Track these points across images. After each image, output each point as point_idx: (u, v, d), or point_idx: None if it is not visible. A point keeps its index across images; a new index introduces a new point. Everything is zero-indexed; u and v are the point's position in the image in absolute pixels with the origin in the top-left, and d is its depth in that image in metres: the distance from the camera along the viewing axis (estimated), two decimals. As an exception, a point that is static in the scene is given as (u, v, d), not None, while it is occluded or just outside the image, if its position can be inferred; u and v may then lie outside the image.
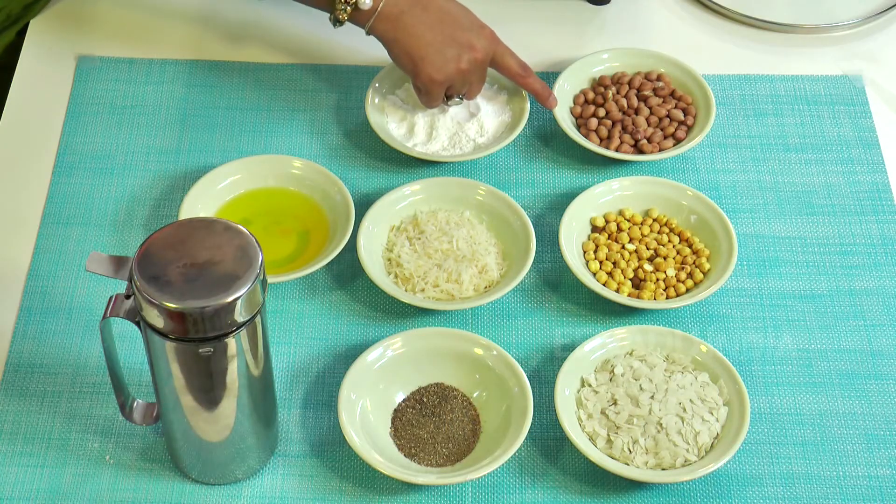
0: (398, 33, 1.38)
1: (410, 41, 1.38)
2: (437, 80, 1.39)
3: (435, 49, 1.38)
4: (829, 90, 1.53)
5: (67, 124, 1.47)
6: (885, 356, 1.31)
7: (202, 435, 1.16)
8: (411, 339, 1.27)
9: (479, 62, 1.40)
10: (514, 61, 1.43)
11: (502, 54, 1.43)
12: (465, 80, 1.41)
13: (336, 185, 1.38)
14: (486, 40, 1.40)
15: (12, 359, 1.28)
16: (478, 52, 1.39)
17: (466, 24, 1.40)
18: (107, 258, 1.11)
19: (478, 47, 1.39)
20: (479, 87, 1.44)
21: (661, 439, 1.20)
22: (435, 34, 1.38)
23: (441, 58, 1.38)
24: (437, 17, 1.38)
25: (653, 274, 1.34)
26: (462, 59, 1.39)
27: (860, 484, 1.22)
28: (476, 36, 1.40)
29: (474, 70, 1.41)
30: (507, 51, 1.43)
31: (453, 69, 1.39)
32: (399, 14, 1.37)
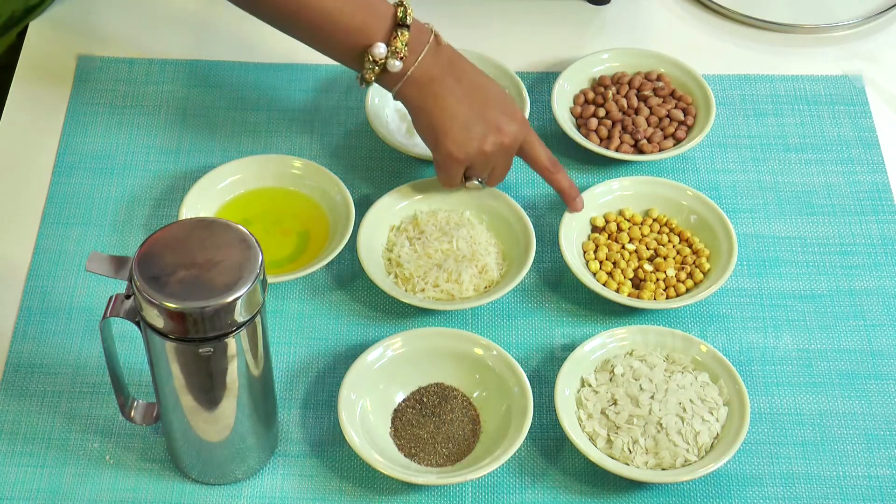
0: (425, 101, 1.28)
1: (436, 111, 1.29)
2: (457, 157, 1.30)
3: (460, 124, 1.29)
4: (829, 90, 1.53)
5: (67, 124, 1.47)
6: (885, 356, 1.31)
7: (202, 435, 1.16)
8: (411, 339, 1.27)
9: (504, 147, 1.30)
10: (543, 153, 1.33)
11: (532, 144, 1.33)
12: (487, 162, 1.31)
13: (336, 185, 1.38)
14: (517, 125, 1.31)
15: (12, 359, 1.28)
16: (505, 136, 1.30)
17: (499, 104, 1.31)
18: (107, 258, 1.11)
19: (506, 131, 1.30)
20: (502, 174, 1.34)
21: (661, 439, 1.21)
22: (463, 108, 1.29)
23: (465, 135, 1.29)
24: (469, 90, 1.29)
25: (653, 274, 1.34)
26: (487, 140, 1.29)
27: (860, 484, 1.22)
28: (507, 119, 1.30)
29: (499, 154, 1.31)
30: (537, 141, 1.33)
31: (476, 149, 1.29)
32: (429, 81, 1.28)
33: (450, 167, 1.31)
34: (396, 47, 1.25)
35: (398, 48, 1.25)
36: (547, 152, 1.34)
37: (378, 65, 1.26)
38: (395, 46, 1.25)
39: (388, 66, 1.26)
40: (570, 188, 1.35)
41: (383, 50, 1.25)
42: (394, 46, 1.25)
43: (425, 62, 1.27)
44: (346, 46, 1.26)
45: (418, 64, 1.27)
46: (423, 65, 1.27)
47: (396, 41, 1.25)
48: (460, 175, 1.33)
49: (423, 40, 1.27)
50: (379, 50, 1.25)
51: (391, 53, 1.25)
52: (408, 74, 1.27)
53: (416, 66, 1.27)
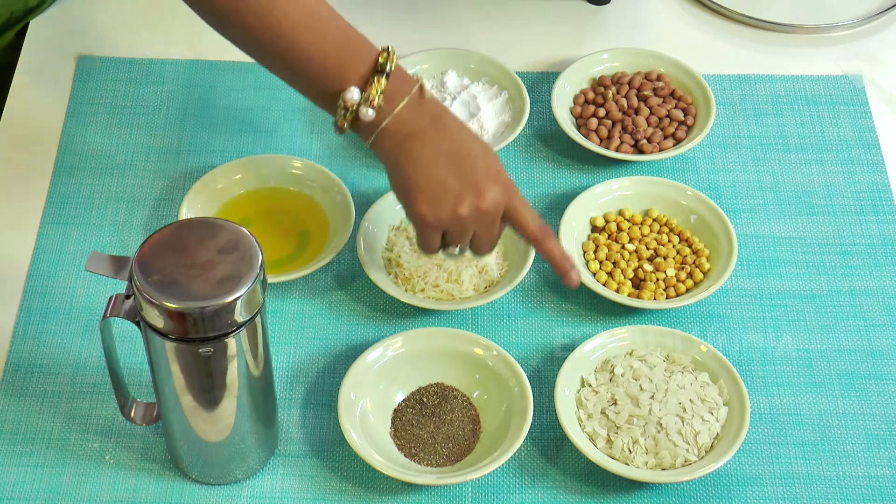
0: (400, 157, 1.17)
1: (410, 169, 1.17)
2: (429, 220, 1.18)
3: (434, 183, 1.17)
4: (829, 90, 1.53)
5: (67, 124, 1.47)
6: (885, 356, 1.31)
7: (202, 435, 1.16)
8: (411, 339, 1.27)
9: (483, 211, 1.18)
10: (531, 220, 1.21)
11: (517, 209, 1.20)
12: (464, 227, 1.19)
13: (336, 185, 1.38)
14: (500, 189, 1.19)
15: (12, 359, 1.28)
16: (484, 201, 1.17)
17: (482, 164, 1.18)
18: (107, 258, 1.11)
19: (486, 195, 1.17)
20: (487, 244, 1.22)
21: (661, 439, 1.21)
22: (440, 167, 1.17)
23: (439, 196, 1.17)
24: (451, 149, 1.18)
25: (653, 274, 1.34)
26: (463, 203, 1.17)
27: (860, 484, 1.22)
28: (489, 182, 1.18)
29: (476, 220, 1.19)
30: (524, 205, 1.21)
31: (449, 212, 1.17)
32: (406, 135, 1.17)
33: (423, 231, 1.20)
34: (371, 94, 1.15)
35: (372, 95, 1.15)
36: (536, 219, 1.21)
37: (349, 111, 1.16)
38: (369, 93, 1.15)
39: (361, 113, 1.15)
40: (563, 259, 1.22)
41: (356, 96, 1.15)
42: (368, 93, 1.15)
43: (403, 114, 1.17)
44: (320, 87, 1.17)
45: (395, 115, 1.16)
46: (401, 116, 1.17)
47: (372, 88, 1.15)
48: (437, 240, 1.21)
49: (405, 90, 1.17)
50: (352, 95, 1.15)
51: (364, 100, 1.15)
52: (382, 125, 1.17)
53: (393, 118, 1.16)
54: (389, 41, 1.55)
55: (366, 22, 1.58)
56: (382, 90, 1.16)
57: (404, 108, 1.17)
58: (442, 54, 1.51)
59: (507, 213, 1.21)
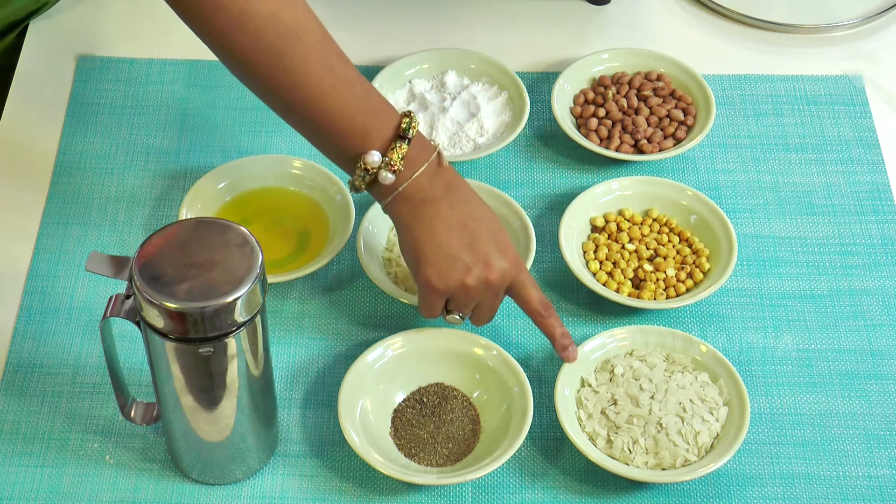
0: (413, 222, 1.20)
1: (423, 235, 1.20)
2: (437, 286, 1.20)
3: (445, 252, 1.20)
4: (829, 90, 1.53)
5: (67, 124, 1.47)
6: (885, 356, 1.31)
7: (202, 435, 1.16)
8: (411, 339, 1.27)
9: (490, 283, 1.21)
10: (535, 295, 1.23)
11: (523, 284, 1.23)
12: (469, 297, 1.22)
13: (336, 185, 1.38)
14: (508, 263, 1.21)
15: (12, 359, 1.28)
16: (492, 273, 1.20)
17: (493, 238, 1.21)
18: (107, 258, 1.11)
19: (494, 267, 1.20)
20: (488, 314, 1.24)
21: (661, 439, 1.20)
22: (451, 236, 1.20)
23: (448, 265, 1.20)
24: (463, 219, 1.20)
25: (653, 274, 1.34)
26: (471, 274, 1.20)
27: (860, 484, 1.22)
28: (498, 255, 1.21)
29: (483, 291, 1.21)
30: (529, 281, 1.23)
31: (458, 281, 1.20)
32: (421, 201, 1.19)
33: (428, 296, 1.22)
34: (392, 159, 1.17)
35: (393, 160, 1.17)
36: (540, 295, 1.24)
37: (370, 174, 1.18)
38: (390, 158, 1.17)
39: (380, 177, 1.17)
40: (563, 336, 1.24)
41: (377, 159, 1.17)
42: (389, 158, 1.17)
43: (420, 180, 1.19)
44: (341, 148, 1.19)
45: (413, 180, 1.18)
46: (418, 182, 1.19)
47: (393, 153, 1.17)
48: (440, 306, 1.23)
49: (424, 158, 1.19)
50: (373, 158, 1.17)
51: (385, 165, 1.17)
52: (399, 190, 1.19)
53: (410, 183, 1.18)
54: (390, 41, 1.56)
55: (366, 22, 1.59)
56: (403, 155, 1.17)
57: (422, 174, 1.19)
58: (442, 54, 1.51)
59: (512, 287, 1.23)
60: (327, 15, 1.53)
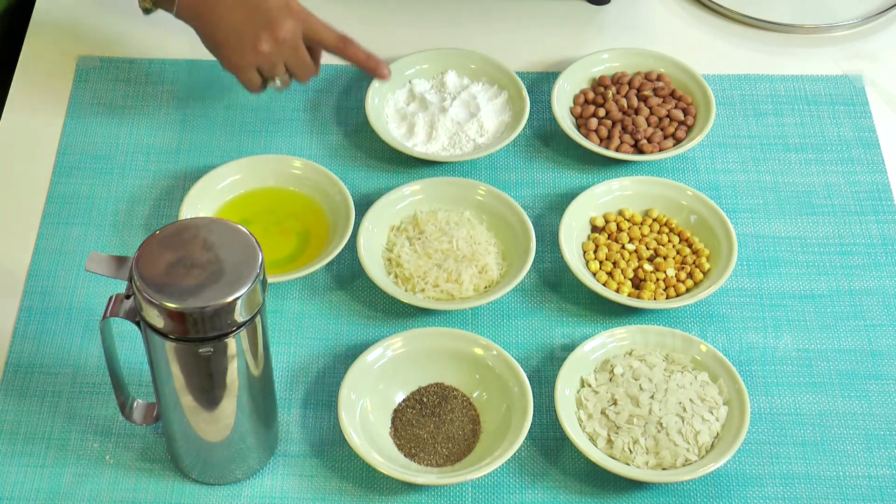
0: (200, 19, 1.31)
1: (210, 26, 1.31)
2: (239, 65, 1.32)
3: (232, 31, 1.31)
4: (829, 90, 1.53)
5: (67, 124, 1.47)
6: (885, 356, 1.31)
7: (202, 435, 1.16)
8: (411, 339, 1.27)
9: (282, 40, 1.31)
10: (330, 34, 1.34)
11: (315, 30, 1.33)
12: (270, 61, 1.32)
13: (336, 185, 1.38)
14: (292, 17, 1.31)
15: (12, 359, 1.28)
16: (280, 30, 1.30)
17: (272, 2, 1.31)
18: (107, 258, 1.11)
19: (280, 25, 1.30)
20: (302, 69, 1.35)
21: (661, 439, 1.21)
22: (234, 16, 1.30)
23: (238, 41, 1.31)
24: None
25: (653, 274, 1.34)
26: (261, 40, 1.31)
27: (860, 484, 1.22)
28: (280, 14, 1.31)
29: (279, 50, 1.32)
30: (319, 24, 1.33)
31: (252, 52, 1.31)
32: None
33: (238, 74, 1.33)
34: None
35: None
36: (333, 32, 1.34)
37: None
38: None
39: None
40: (368, 59, 1.36)
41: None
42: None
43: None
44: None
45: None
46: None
47: None
48: (256, 79, 1.34)
49: None
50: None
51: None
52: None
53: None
54: (390, 41, 1.56)
55: (366, 22, 1.59)
56: None
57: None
58: (442, 54, 1.51)
59: (306, 36, 1.33)
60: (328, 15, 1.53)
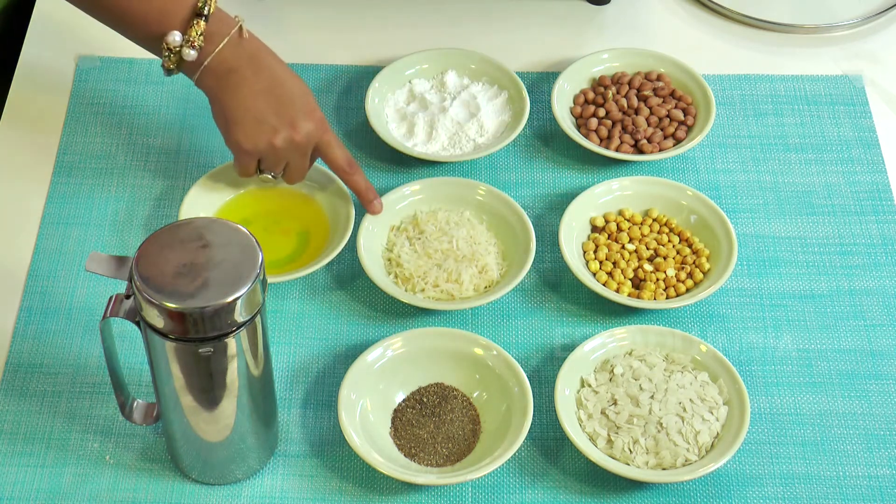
0: (221, 92, 1.28)
1: (231, 102, 1.28)
2: (245, 148, 1.29)
3: (252, 117, 1.28)
4: (829, 90, 1.53)
5: (67, 124, 1.47)
6: (885, 356, 1.31)
7: (202, 435, 1.16)
8: (411, 339, 1.27)
9: (296, 144, 1.29)
10: (341, 154, 1.32)
11: (329, 144, 1.32)
12: (277, 157, 1.30)
13: (336, 185, 1.38)
14: (313, 124, 1.30)
15: (12, 359, 1.28)
16: (297, 134, 1.29)
17: (298, 101, 1.29)
18: (107, 258, 1.11)
19: (300, 128, 1.29)
20: (298, 173, 1.33)
21: (661, 439, 1.21)
22: (258, 101, 1.28)
23: (255, 127, 1.28)
24: (268, 84, 1.28)
25: (653, 274, 1.34)
26: (278, 135, 1.28)
27: (860, 484, 1.22)
28: (303, 117, 1.29)
29: (290, 151, 1.30)
30: (335, 141, 1.32)
31: (265, 142, 1.29)
32: (227, 72, 1.27)
33: (240, 157, 1.31)
34: (191, 36, 1.24)
35: (193, 37, 1.24)
36: (345, 153, 1.33)
37: (174, 53, 1.24)
38: (189, 35, 1.24)
39: (184, 54, 1.24)
40: (367, 190, 1.34)
41: (178, 39, 1.24)
42: (189, 35, 1.24)
43: (224, 53, 1.26)
44: (145, 33, 1.26)
45: (216, 54, 1.25)
46: (222, 56, 1.26)
47: (192, 30, 1.23)
48: (252, 166, 1.32)
49: (224, 31, 1.25)
50: (174, 38, 1.24)
51: (186, 42, 1.24)
52: (205, 64, 1.25)
53: (214, 57, 1.25)
54: (390, 41, 1.56)
55: (366, 22, 1.59)
56: (202, 32, 1.24)
57: (224, 47, 1.26)
58: (442, 54, 1.51)
59: (318, 147, 1.32)
60: (328, 15, 1.53)
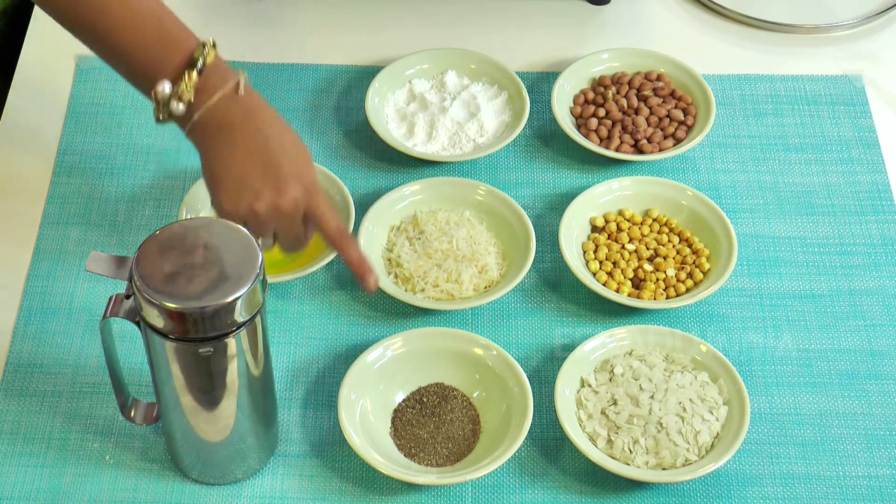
0: (209, 148, 1.17)
1: (216, 160, 1.17)
2: (228, 211, 1.18)
3: (235, 177, 1.17)
4: (829, 90, 1.53)
5: (67, 124, 1.47)
6: (885, 356, 1.31)
7: (202, 435, 1.16)
8: (411, 339, 1.27)
9: (281, 209, 1.18)
10: (332, 223, 1.21)
11: (319, 211, 1.20)
12: (260, 223, 1.18)
13: (336, 185, 1.38)
14: (301, 190, 1.18)
15: (12, 359, 1.28)
16: (283, 199, 1.17)
17: (288, 164, 1.18)
18: (107, 258, 1.11)
19: (286, 193, 1.17)
20: (290, 241, 1.22)
21: (661, 439, 1.20)
22: (244, 162, 1.17)
23: (237, 189, 1.17)
24: (259, 144, 1.17)
25: (653, 274, 1.34)
26: (260, 200, 1.17)
27: (860, 484, 1.22)
28: (292, 181, 1.18)
29: (275, 217, 1.18)
30: (325, 208, 1.21)
31: (246, 206, 1.17)
32: (218, 128, 1.17)
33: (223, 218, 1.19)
34: (181, 89, 1.15)
35: (182, 90, 1.15)
36: (336, 222, 1.21)
37: (162, 105, 1.16)
38: (179, 88, 1.15)
39: (171, 107, 1.15)
40: (361, 264, 1.21)
41: (167, 90, 1.15)
42: (178, 87, 1.15)
43: (216, 108, 1.16)
44: (140, 79, 1.18)
45: (206, 109, 1.16)
46: (213, 111, 1.16)
47: (183, 83, 1.15)
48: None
49: (219, 85, 1.16)
50: (163, 89, 1.15)
51: (174, 94, 1.15)
52: (195, 118, 1.16)
53: (203, 112, 1.16)
54: (390, 41, 1.56)
55: (366, 22, 1.59)
56: (193, 85, 1.15)
57: (216, 103, 1.16)
58: (442, 54, 1.51)
59: (308, 214, 1.20)
60: (328, 15, 1.53)
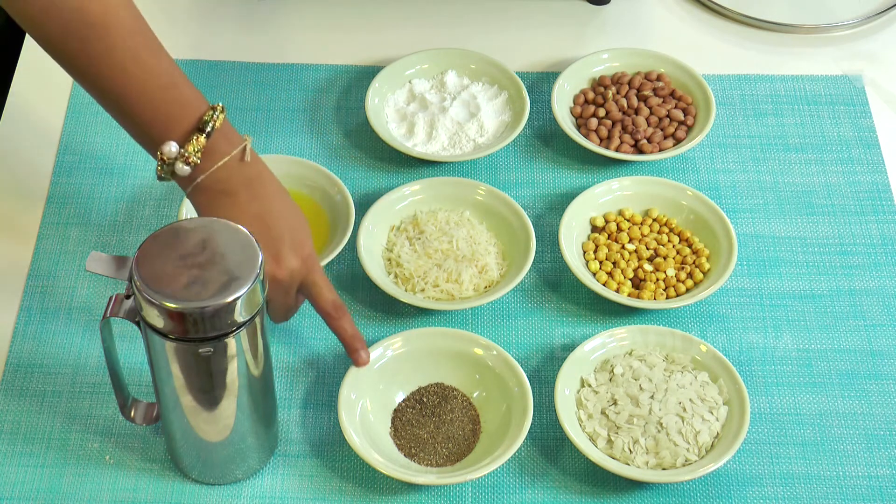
0: (210, 212, 1.18)
1: None
2: None
3: None
4: (829, 90, 1.53)
5: (67, 124, 1.47)
6: (885, 356, 1.31)
7: (202, 435, 1.16)
8: (411, 339, 1.27)
9: (276, 280, 1.19)
10: (328, 296, 1.22)
11: (315, 285, 1.22)
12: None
13: (336, 185, 1.38)
14: (298, 262, 1.19)
15: (12, 359, 1.28)
16: (279, 270, 1.18)
17: (288, 235, 1.19)
18: (107, 258, 1.11)
19: (283, 264, 1.19)
20: (280, 312, 1.23)
21: (661, 439, 1.20)
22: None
23: None
24: (259, 212, 1.18)
25: (653, 274, 1.34)
26: None
27: (860, 484, 1.22)
28: (289, 253, 1.19)
29: (269, 288, 1.19)
30: (322, 282, 1.22)
31: None
32: (219, 192, 1.18)
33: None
34: (188, 151, 1.16)
35: (189, 152, 1.16)
36: (333, 296, 1.22)
37: (167, 164, 1.16)
38: (186, 150, 1.16)
39: (176, 168, 1.16)
40: (354, 338, 1.23)
41: (175, 150, 1.16)
42: (185, 149, 1.16)
43: (220, 173, 1.17)
44: (146, 138, 1.18)
45: (211, 173, 1.17)
46: (217, 175, 1.17)
47: (190, 145, 1.15)
48: None
49: (225, 151, 1.17)
50: (170, 149, 1.16)
51: (181, 156, 1.16)
52: (197, 181, 1.17)
53: (207, 176, 1.17)
54: (390, 41, 1.56)
55: (366, 22, 1.59)
56: (201, 148, 1.16)
57: (222, 167, 1.17)
58: (442, 54, 1.51)
59: (304, 286, 1.22)
60: (328, 15, 1.53)
